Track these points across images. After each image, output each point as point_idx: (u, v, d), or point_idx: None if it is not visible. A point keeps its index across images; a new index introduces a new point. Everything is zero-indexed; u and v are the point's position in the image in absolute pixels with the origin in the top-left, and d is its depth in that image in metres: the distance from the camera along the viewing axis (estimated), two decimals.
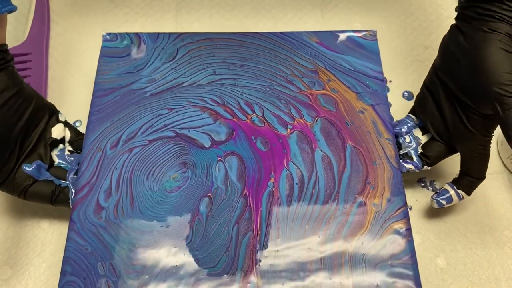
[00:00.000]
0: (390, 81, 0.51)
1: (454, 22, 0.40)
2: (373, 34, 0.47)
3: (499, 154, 0.48)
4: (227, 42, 0.46)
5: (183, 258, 0.36)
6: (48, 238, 0.44)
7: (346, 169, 0.40)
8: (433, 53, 0.52)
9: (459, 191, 0.41)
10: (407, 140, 0.43)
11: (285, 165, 0.40)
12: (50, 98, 0.50)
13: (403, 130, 0.43)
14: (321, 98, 0.43)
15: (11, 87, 0.38)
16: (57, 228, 0.44)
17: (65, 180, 0.41)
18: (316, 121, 0.42)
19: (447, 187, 0.42)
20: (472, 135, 0.39)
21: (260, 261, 0.36)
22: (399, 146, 0.43)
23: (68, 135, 0.43)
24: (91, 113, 0.42)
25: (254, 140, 0.41)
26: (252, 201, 0.38)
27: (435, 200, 0.42)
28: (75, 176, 0.41)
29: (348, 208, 0.38)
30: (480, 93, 0.36)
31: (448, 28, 0.40)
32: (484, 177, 0.41)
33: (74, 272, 0.36)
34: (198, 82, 0.44)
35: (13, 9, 0.37)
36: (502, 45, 0.35)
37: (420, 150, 0.43)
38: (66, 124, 0.43)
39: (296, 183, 0.39)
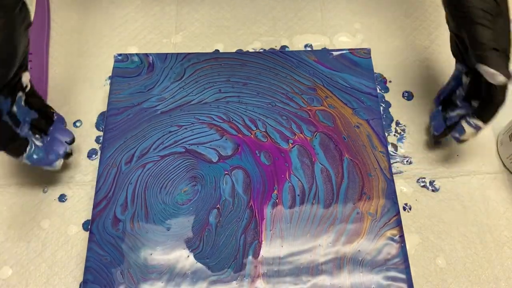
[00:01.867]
0: (390, 81, 0.52)
1: None
2: (367, 52, 0.50)
3: (499, 154, 0.48)
4: (231, 61, 0.49)
5: (195, 266, 0.39)
6: (48, 238, 0.44)
7: (344, 180, 0.43)
8: (433, 53, 0.53)
9: (472, 120, 0.40)
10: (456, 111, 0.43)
11: (287, 178, 0.43)
12: (50, 98, 0.51)
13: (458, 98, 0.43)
14: (319, 114, 0.46)
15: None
16: (57, 228, 0.44)
17: (17, 127, 0.39)
18: (315, 135, 0.45)
19: (461, 120, 0.42)
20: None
21: (266, 267, 0.39)
22: (444, 117, 0.45)
23: (28, 85, 0.41)
24: (106, 131, 0.45)
25: (258, 155, 0.44)
26: (258, 212, 0.42)
27: (452, 137, 0.43)
28: (30, 132, 0.40)
29: (346, 217, 0.41)
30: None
31: (447, 28, 0.41)
32: (498, 101, 0.38)
33: (95, 280, 0.39)
34: (205, 100, 0.47)
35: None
36: None
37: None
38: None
39: (298, 195, 0.42)
